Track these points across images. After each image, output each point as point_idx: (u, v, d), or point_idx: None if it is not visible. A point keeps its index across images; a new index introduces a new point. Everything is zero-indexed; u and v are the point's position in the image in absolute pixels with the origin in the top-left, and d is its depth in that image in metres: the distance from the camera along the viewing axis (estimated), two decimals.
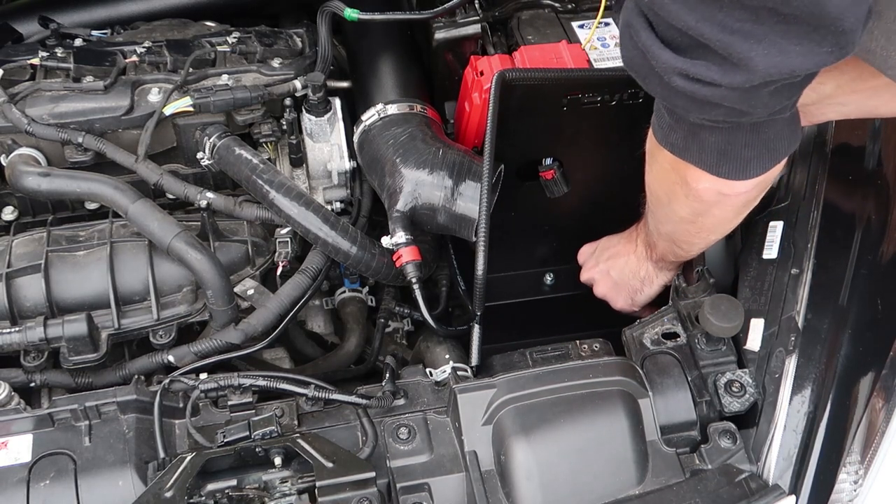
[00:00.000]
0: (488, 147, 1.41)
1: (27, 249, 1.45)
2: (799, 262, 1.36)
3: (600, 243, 1.65)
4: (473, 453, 1.24)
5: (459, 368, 1.42)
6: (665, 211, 1.33)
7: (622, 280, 1.58)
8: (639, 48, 0.99)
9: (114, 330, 1.41)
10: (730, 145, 1.09)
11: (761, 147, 1.10)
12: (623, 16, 1.02)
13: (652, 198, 1.35)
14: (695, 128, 1.08)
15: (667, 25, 0.94)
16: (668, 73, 0.97)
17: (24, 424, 1.25)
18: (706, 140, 1.09)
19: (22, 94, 1.52)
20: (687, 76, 0.95)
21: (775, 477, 1.23)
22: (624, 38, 1.03)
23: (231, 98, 1.54)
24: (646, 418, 1.27)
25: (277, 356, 1.59)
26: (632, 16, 0.99)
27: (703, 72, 0.94)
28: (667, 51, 0.96)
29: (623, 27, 1.02)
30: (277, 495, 1.16)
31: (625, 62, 1.06)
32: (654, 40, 0.97)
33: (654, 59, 0.97)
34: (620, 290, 1.59)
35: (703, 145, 1.10)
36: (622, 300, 1.60)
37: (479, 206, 1.41)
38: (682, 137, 1.12)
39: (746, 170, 1.12)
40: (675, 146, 1.14)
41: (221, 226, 1.53)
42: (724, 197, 1.19)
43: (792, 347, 1.28)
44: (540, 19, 1.64)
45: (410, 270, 1.44)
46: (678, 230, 1.36)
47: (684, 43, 0.94)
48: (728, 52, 0.90)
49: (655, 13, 0.94)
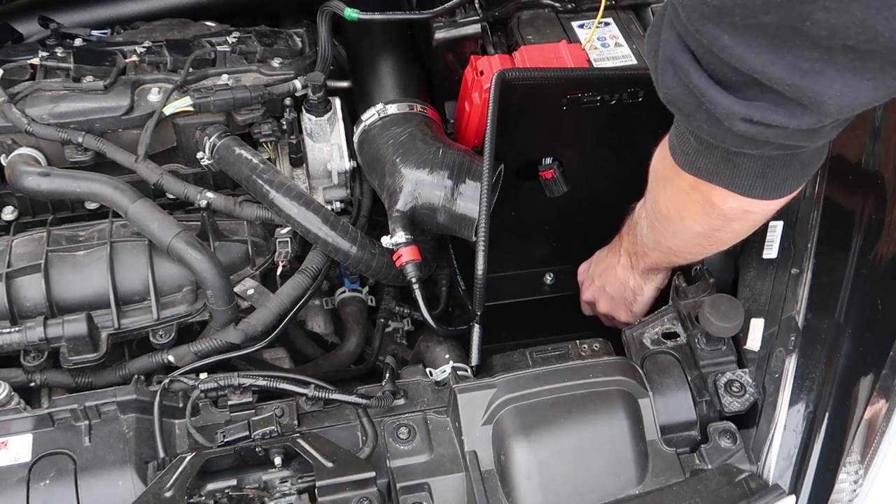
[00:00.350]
0: (488, 147, 1.41)
1: (27, 249, 1.45)
2: (799, 262, 1.35)
3: (593, 259, 1.65)
4: (473, 453, 1.24)
5: (459, 368, 1.42)
6: (675, 227, 1.30)
7: (617, 294, 1.58)
8: (688, 88, 0.95)
9: (114, 330, 1.41)
10: (768, 168, 1.05)
11: (798, 166, 1.07)
12: (665, 51, 0.97)
13: (660, 216, 1.31)
14: (731, 155, 1.04)
15: (724, 65, 0.89)
16: (730, 118, 0.92)
17: (24, 424, 1.25)
18: (742, 165, 1.05)
19: (22, 94, 1.52)
20: (751, 121, 0.91)
21: (775, 477, 1.23)
22: (666, 74, 0.98)
23: (231, 98, 1.54)
24: (646, 418, 1.27)
25: (277, 356, 1.59)
26: (676, 52, 0.94)
27: (770, 116, 0.90)
28: (726, 95, 0.91)
29: (665, 63, 0.98)
30: (277, 495, 1.16)
31: (666, 98, 1.01)
32: (709, 83, 0.92)
33: (712, 104, 0.93)
34: (618, 305, 1.59)
35: (737, 170, 1.06)
36: (623, 314, 1.60)
37: (479, 205, 1.41)
38: (712, 163, 1.08)
39: (781, 189, 1.09)
40: (702, 171, 1.10)
41: (221, 226, 1.53)
42: (750, 214, 1.16)
43: (792, 347, 1.28)
44: (540, 19, 1.64)
45: (410, 270, 1.44)
46: (687, 244, 1.33)
47: (742, 82, 0.89)
48: (798, 94, 0.86)
49: (711, 52, 0.89)
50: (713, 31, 0.86)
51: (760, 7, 0.81)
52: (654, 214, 1.34)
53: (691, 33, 0.90)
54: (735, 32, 0.85)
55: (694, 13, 0.88)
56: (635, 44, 1.59)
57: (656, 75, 1.01)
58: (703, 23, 0.87)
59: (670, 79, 0.97)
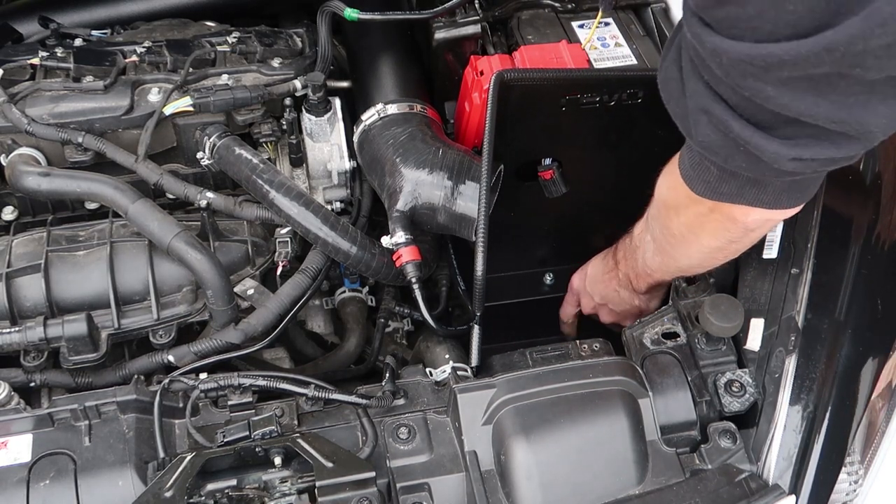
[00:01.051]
0: (487, 147, 1.41)
1: (27, 249, 1.45)
2: (799, 262, 1.35)
3: (587, 275, 1.64)
4: (473, 453, 1.24)
5: (459, 368, 1.42)
6: (689, 249, 1.30)
7: (623, 311, 1.60)
8: (726, 135, 0.95)
9: (114, 330, 1.41)
10: (795, 183, 1.06)
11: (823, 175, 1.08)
12: (696, 102, 0.97)
13: (672, 240, 1.31)
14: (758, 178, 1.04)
15: (765, 111, 0.89)
16: (779, 161, 0.93)
17: (24, 424, 1.25)
18: (770, 184, 1.06)
19: (22, 94, 1.52)
20: (800, 160, 0.92)
21: (775, 477, 1.23)
22: (700, 124, 0.98)
23: (231, 98, 1.54)
24: (646, 418, 1.27)
25: (277, 356, 1.59)
26: (709, 102, 0.95)
27: (819, 152, 0.90)
28: (773, 140, 0.91)
29: (697, 113, 0.98)
30: (277, 495, 1.16)
31: (702, 145, 1.02)
32: (752, 130, 0.92)
33: (759, 150, 0.93)
34: (625, 318, 1.60)
35: (764, 189, 1.07)
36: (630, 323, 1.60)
37: (479, 206, 1.41)
38: (736, 187, 1.08)
39: (805, 197, 1.10)
40: (726, 195, 1.10)
41: (221, 226, 1.53)
42: (771, 221, 1.16)
43: (792, 347, 1.28)
44: (540, 19, 1.64)
45: (410, 270, 1.44)
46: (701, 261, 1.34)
47: (783, 122, 0.90)
48: (845, 128, 0.86)
49: (751, 101, 0.89)
50: (756, 84, 0.87)
51: (812, 62, 0.81)
52: (664, 239, 1.34)
53: (727, 85, 0.90)
54: (780, 84, 0.85)
55: (734, 70, 0.88)
56: (635, 44, 1.59)
57: (687, 123, 1.02)
58: (745, 78, 0.87)
59: (705, 128, 0.98)
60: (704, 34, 0.88)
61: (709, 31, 0.87)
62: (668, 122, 1.50)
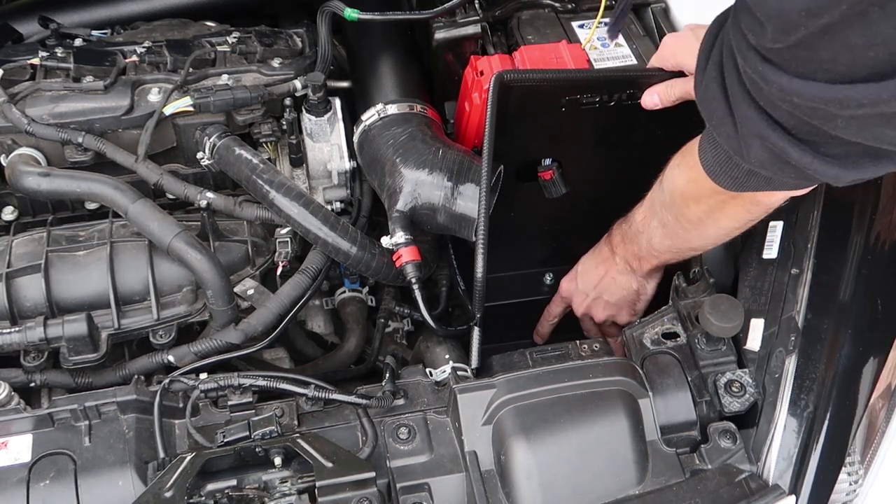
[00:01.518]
0: (487, 148, 1.41)
1: (27, 249, 1.45)
2: (799, 262, 1.36)
3: (578, 273, 1.65)
4: (473, 453, 1.24)
5: (459, 368, 1.43)
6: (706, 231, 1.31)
7: (618, 299, 1.60)
8: (782, 158, 0.94)
9: (114, 330, 1.41)
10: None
11: None
12: (748, 128, 0.96)
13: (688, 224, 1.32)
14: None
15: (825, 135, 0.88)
16: (839, 181, 0.93)
17: (24, 424, 1.25)
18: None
19: (22, 94, 1.52)
20: (860, 179, 0.93)
21: (775, 477, 1.23)
22: (753, 148, 0.98)
23: (231, 98, 1.54)
24: (646, 418, 1.27)
25: (277, 356, 1.59)
26: (764, 129, 0.93)
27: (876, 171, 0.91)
28: (834, 165, 0.91)
29: (750, 137, 0.97)
30: (277, 495, 1.16)
31: (756, 165, 1.01)
32: (811, 156, 0.92)
33: (819, 174, 0.93)
34: (621, 308, 1.60)
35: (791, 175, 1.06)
36: (625, 315, 1.61)
37: (479, 206, 1.41)
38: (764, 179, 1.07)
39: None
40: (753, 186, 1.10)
41: (221, 226, 1.53)
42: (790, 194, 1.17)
43: (792, 347, 1.28)
44: (540, 19, 1.64)
45: (410, 270, 1.44)
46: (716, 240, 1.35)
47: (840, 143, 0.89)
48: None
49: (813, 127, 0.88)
50: (825, 119, 0.85)
51: (891, 104, 0.80)
52: (678, 225, 1.35)
53: (784, 111, 0.89)
54: (851, 118, 0.84)
55: (803, 108, 0.86)
56: (635, 44, 1.59)
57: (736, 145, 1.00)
58: (814, 114, 0.86)
59: (759, 151, 0.97)
60: (769, 72, 0.85)
61: (773, 68, 0.85)
62: (667, 122, 1.50)
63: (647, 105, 1.45)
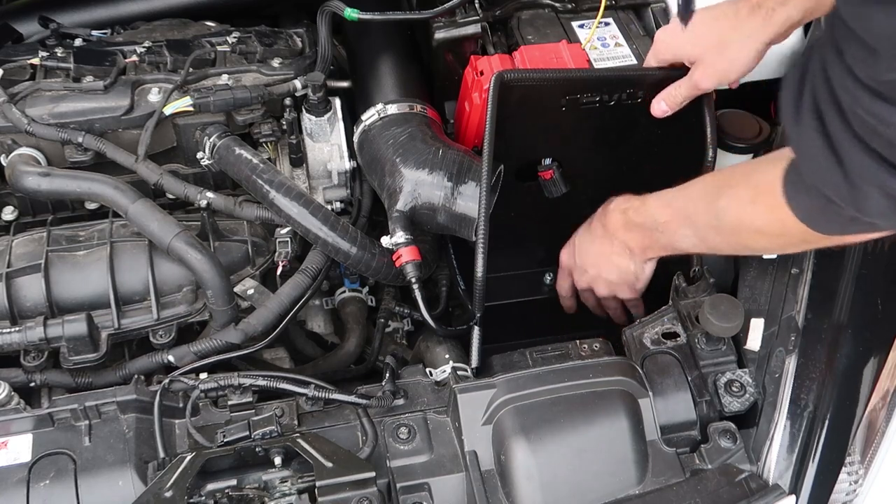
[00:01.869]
0: (487, 148, 1.41)
1: (27, 249, 1.45)
2: (799, 262, 1.36)
3: (574, 245, 1.63)
4: (473, 453, 1.24)
5: (459, 368, 1.43)
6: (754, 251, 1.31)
7: (617, 278, 1.57)
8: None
9: (114, 330, 1.41)
10: None
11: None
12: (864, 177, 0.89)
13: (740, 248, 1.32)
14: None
15: None
16: None
17: (24, 424, 1.25)
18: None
19: (22, 94, 1.52)
20: None
21: (775, 477, 1.23)
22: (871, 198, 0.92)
23: (231, 98, 1.54)
24: (646, 418, 1.27)
25: (277, 356, 1.59)
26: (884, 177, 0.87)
27: None
28: None
29: (867, 187, 0.90)
30: (277, 495, 1.16)
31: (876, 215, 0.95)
32: None
33: None
34: (621, 286, 1.59)
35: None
36: (627, 292, 1.59)
37: (479, 206, 1.41)
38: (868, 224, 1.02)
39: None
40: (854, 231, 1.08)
41: (221, 226, 1.53)
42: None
43: (792, 347, 1.28)
44: (540, 19, 1.64)
45: (410, 270, 1.44)
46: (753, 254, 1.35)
47: None
48: None
49: None
50: None
51: None
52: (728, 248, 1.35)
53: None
54: None
55: None
56: (635, 44, 1.59)
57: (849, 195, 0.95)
58: None
59: (879, 200, 0.91)
60: (884, 111, 0.79)
61: (890, 106, 0.79)
62: (667, 122, 1.50)
63: (657, 114, 1.45)
